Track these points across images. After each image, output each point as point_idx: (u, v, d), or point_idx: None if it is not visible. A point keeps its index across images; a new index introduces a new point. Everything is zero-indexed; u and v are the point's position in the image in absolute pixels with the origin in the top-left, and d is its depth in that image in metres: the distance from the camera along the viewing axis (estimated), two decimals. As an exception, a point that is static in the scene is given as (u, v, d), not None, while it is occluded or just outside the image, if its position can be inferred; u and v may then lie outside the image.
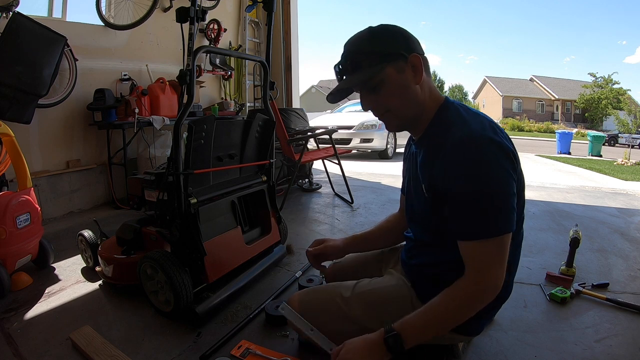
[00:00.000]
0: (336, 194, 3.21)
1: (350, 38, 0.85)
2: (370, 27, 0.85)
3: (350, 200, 2.95)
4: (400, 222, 1.14)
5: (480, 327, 0.97)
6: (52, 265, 1.75)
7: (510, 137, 0.86)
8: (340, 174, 3.09)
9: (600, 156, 8.86)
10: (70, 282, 1.61)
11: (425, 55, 0.86)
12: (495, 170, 0.74)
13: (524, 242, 2.04)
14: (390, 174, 4.45)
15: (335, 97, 0.90)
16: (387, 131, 6.16)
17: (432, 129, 0.87)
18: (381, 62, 0.81)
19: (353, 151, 6.14)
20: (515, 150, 0.80)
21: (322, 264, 1.26)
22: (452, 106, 0.86)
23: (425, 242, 0.95)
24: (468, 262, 0.78)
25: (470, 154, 0.74)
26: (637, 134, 14.55)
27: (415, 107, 0.86)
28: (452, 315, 0.79)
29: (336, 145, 2.99)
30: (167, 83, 3.04)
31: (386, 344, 0.78)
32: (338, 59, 0.88)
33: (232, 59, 4.06)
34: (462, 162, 0.75)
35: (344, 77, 0.86)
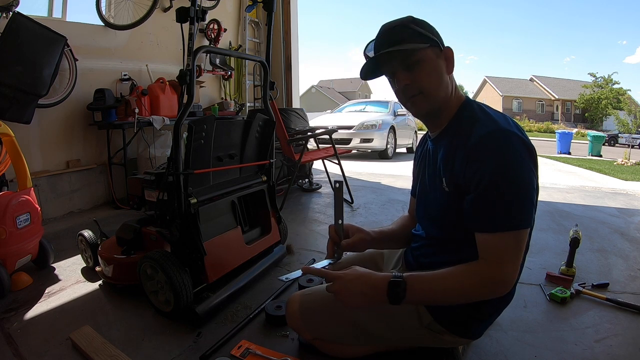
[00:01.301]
0: (336, 194, 3.21)
1: (389, 21, 0.86)
2: (411, 15, 0.86)
3: (350, 200, 2.95)
4: (411, 225, 1.13)
5: (482, 331, 0.97)
6: (52, 265, 1.75)
7: None
8: (340, 174, 3.09)
9: (600, 156, 8.87)
10: (70, 282, 1.61)
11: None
12: (520, 165, 0.74)
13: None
14: (390, 174, 4.45)
15: (368, 71, 0.89)
16: (387, 131, 6.17)
17: (455, 124, 0.87)
18: (424, 42, 0.82)
19: (353, 151, 6.14)
20: (535, 151, 0.80)
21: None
22: (475, 104, 0.88)
23: (439, 240, 0.94)
24: (483, 254, 0.78)
25: (498, 147, 0.75)
26: (637, 134, 14.54)
27: (444, 95, 0.86)
28: (456, 293, 0.78)
29: (336, 145, 2.99)
30: (167, 83, 3.04)
31: (388, 287, 0.77)
32: (338, 58, 0.88)
33: (232, 59, 4.06)
34: (489, 155, 0.75)
35: (380, 52, 0.84)
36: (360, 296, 0.79)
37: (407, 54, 0.82)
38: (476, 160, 0.76)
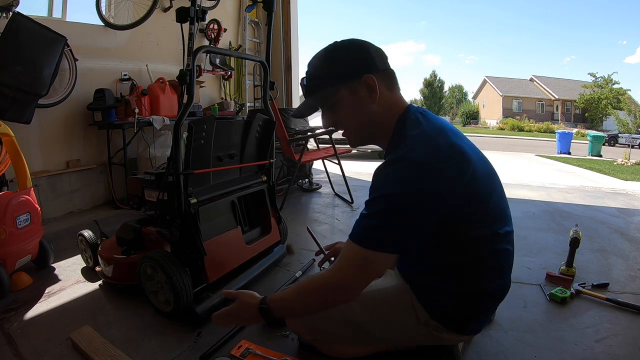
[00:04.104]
0: (336, 194, 3.21)
1: (311, 59, 0.90)
2: (327, 48, 0.87)
3: (350, 200, 2.95)
4: None
5: (478, 327, 0.96)
6: (52, 265, 1.75)
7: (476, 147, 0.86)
8: (340, 174, 3.09)
9: (600, 156, 8.86)
10: (70, 282, 1.61)
11: (388, 69, 0.87)
12: (404, 195, 0.73)
13: (524, 242, 2.03)
14: (390, 174, 4.43)
15: (298, 114, 0.95)
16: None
17: (391, 143, 0.87)
18: (335, 85, 0.84)
19: (353, 151, 6.13)
20: (466, 172, 0.76)
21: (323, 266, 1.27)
22: (409, 119, 0.85)
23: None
24: (337, 258, 0.82)
25: (392, 172, 0.77)
26: (637, 134, 14.53)
27: (371, 126, 0.88)
28: (306, 303, 0.86)
29: (336, 145, 2.99)
30: (167, 83, 3.04)
31: (259, 311, 0.89)
32: None
33: (232, 59, 4.06)
34: (382, 176, 0.78)
35: (306, 97, 0.92)
36: (247, 320, 0.99)
37: (324, 101, 0.87)
38: (373, 181, 0.80)
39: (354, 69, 0.83)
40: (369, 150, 6.40)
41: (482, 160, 0.84)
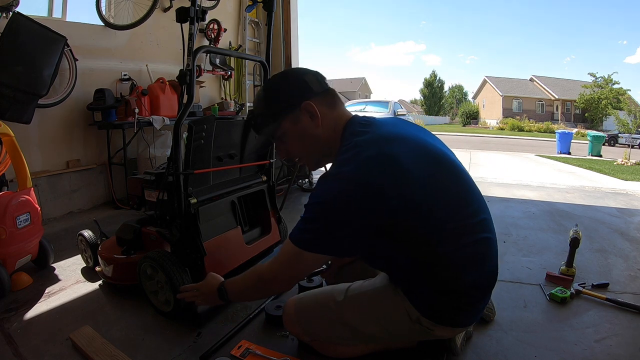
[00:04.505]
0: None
1: (254, 98, 0.96)
2: (264, 85, 0.96)
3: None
4: None
5: (470, 319, 0.95)
6: (52, 265, 1.75)
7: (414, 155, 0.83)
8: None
9: (600, 156, 8.86)
10: (70, 282, 1.61)
11: (326, 89, 0.92)
12: (331, 206, 0.79)
13: (524, 242, 2.02)
14: (390, 174, 4.43)
15: (259, 148, 1.01)
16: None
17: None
18: (277, 119, 0.90)
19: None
20: (397, 178, 0.77)
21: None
22: (347, 133, 0.88)
23: None
24: (277, 252, 0.88)
25: (325, 184, 0.82)
26: (637, 134, 14.52)
27: (321, 147, 0.92)
28: (249, 289, 0.97)
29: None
30: (167, 83, 3.04)
31: (217, 291, 1.01)
32: (338, 59, 0.93)
33: (232, 59, 4.06)
34: (318, 187, 0.83)
35: (257, 135, 1.00)
36: (207, 299, 1.06)
37: (272, 135, 0.93)
38: (314, 188, 0.86)
39: (292, 99, 0.88)
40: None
41: (430, 162, 0.83)
